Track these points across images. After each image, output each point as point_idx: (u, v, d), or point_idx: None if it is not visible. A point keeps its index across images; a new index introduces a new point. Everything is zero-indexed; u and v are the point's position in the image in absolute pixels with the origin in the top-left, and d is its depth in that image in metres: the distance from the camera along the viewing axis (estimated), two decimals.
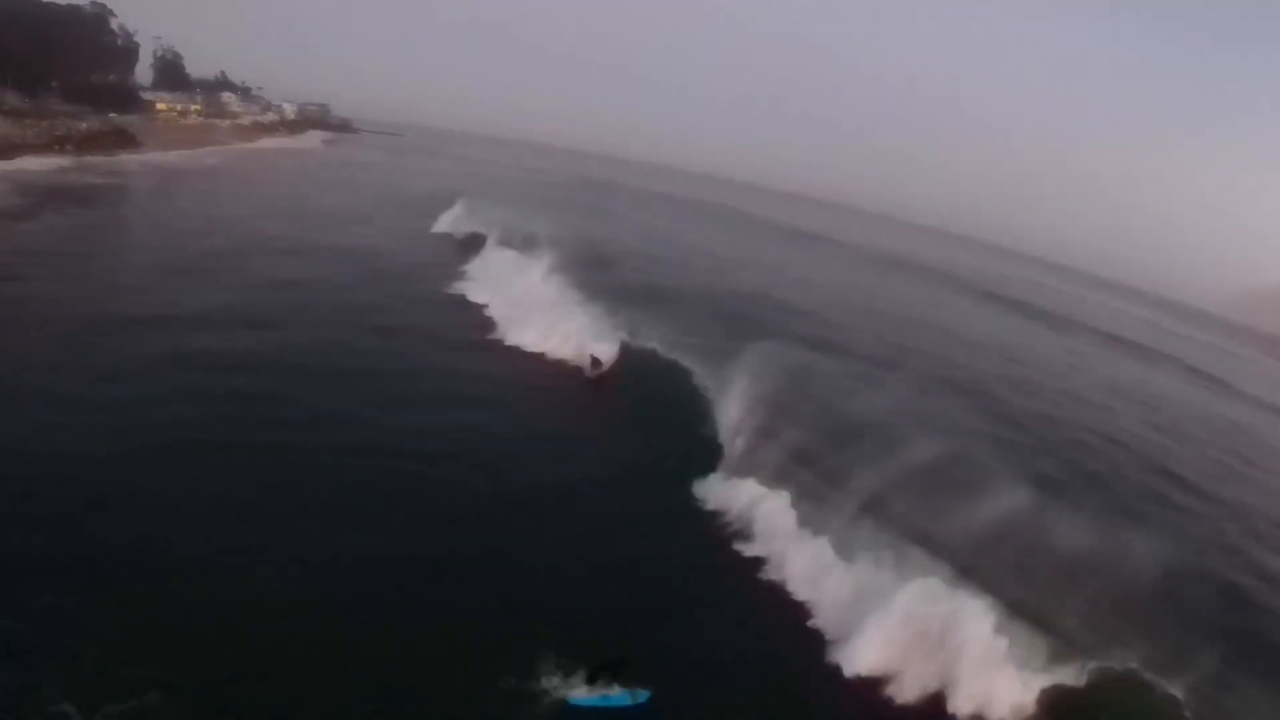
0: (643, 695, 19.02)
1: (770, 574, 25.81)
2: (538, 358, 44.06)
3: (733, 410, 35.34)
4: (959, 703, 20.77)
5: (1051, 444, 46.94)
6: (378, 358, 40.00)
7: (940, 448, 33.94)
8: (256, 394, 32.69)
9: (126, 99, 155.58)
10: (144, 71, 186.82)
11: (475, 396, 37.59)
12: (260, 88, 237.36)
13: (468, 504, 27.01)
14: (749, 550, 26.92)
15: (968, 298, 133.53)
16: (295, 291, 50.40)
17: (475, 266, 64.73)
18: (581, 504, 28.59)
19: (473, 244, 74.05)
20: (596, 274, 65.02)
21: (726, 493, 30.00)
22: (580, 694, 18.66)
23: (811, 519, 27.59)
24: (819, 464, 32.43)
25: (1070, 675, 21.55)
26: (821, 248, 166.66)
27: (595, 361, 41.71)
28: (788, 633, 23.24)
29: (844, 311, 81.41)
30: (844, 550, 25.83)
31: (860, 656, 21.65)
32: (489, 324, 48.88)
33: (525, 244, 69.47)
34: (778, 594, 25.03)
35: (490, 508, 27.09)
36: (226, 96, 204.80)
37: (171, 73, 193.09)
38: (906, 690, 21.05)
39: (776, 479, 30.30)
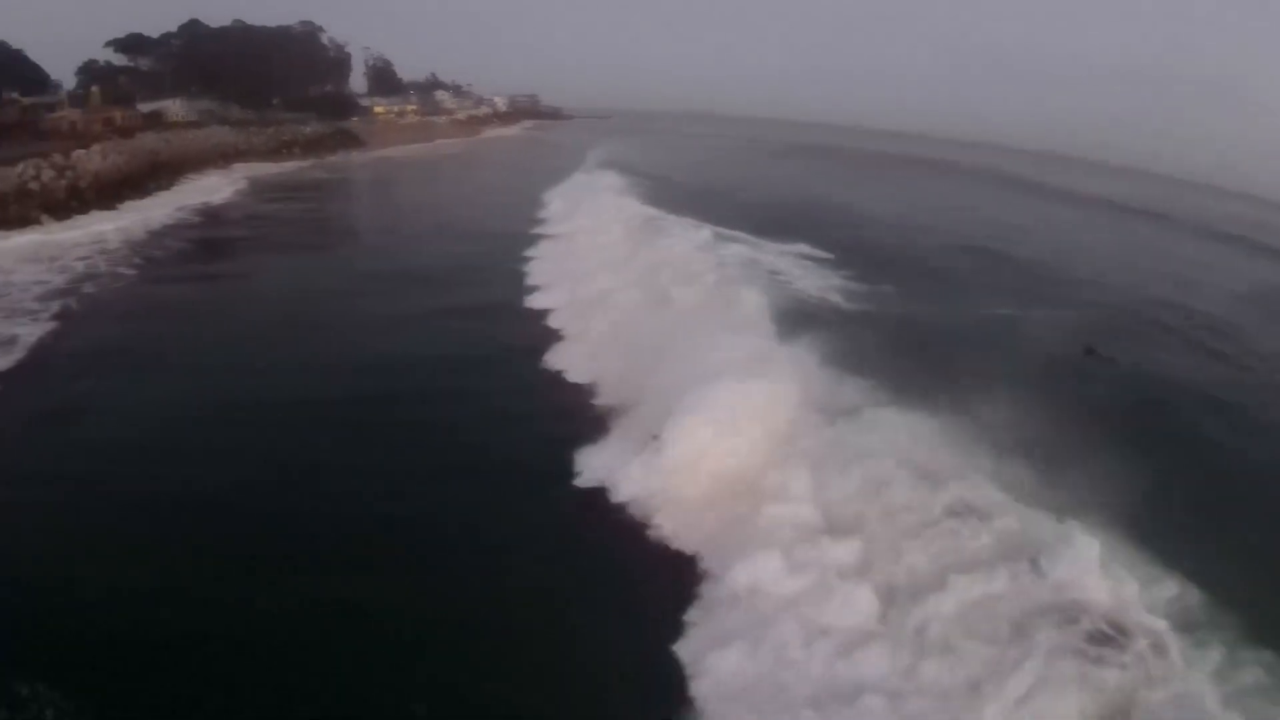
0: None
1: None
2: None
3: None
4: None
5: None
6: None
7: None
8: None
9: (345, 106, 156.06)
10: (358, 81, 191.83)
11: None
12: (470, 84, 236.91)
13: None
14: None
15: None
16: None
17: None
18: None
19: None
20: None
21: None
22: None
23: None
24: None
25: None
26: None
27: None
28: None
29: None
30: None
31: None
32: None
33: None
34: None
35: None
36: (440, 95, 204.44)
37: (384, 78, 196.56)
38: None
39: None
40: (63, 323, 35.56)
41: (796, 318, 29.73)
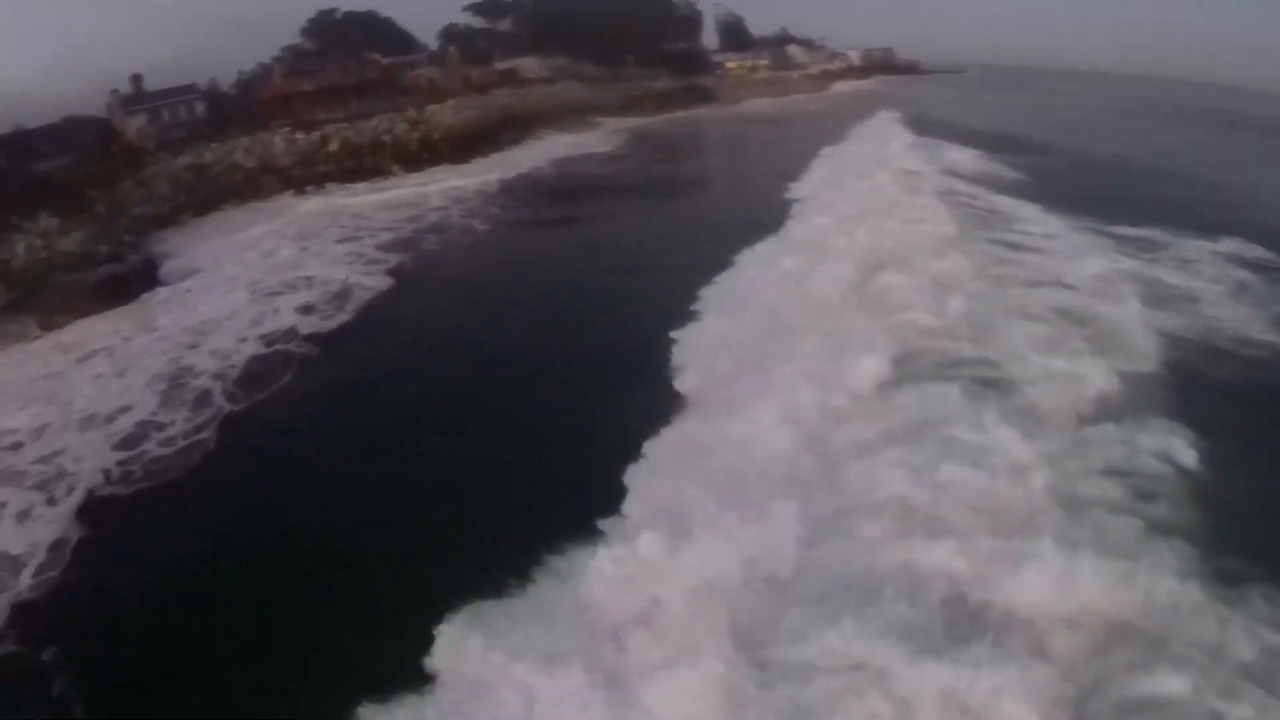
0: None
1: None
2: None
3: None
4: None
5: None
6: None
7: None
8: None
9: (696, 62, 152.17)
10: (709, 38, 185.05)
11: None
12: (823, 38, 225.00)
13: None
14: None
15: None
16: None
17: None
18: None
19: None
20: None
21: None
22: None
23: None
24: None
25: None
26: None
27: None
28: None
29: None
30: None
31: None
32: None
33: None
34: None
35: None
36: (792, 49, 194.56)
37: (735, 34, 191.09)
38: None
39: None
40: (397, 279, 35.28)
41: None
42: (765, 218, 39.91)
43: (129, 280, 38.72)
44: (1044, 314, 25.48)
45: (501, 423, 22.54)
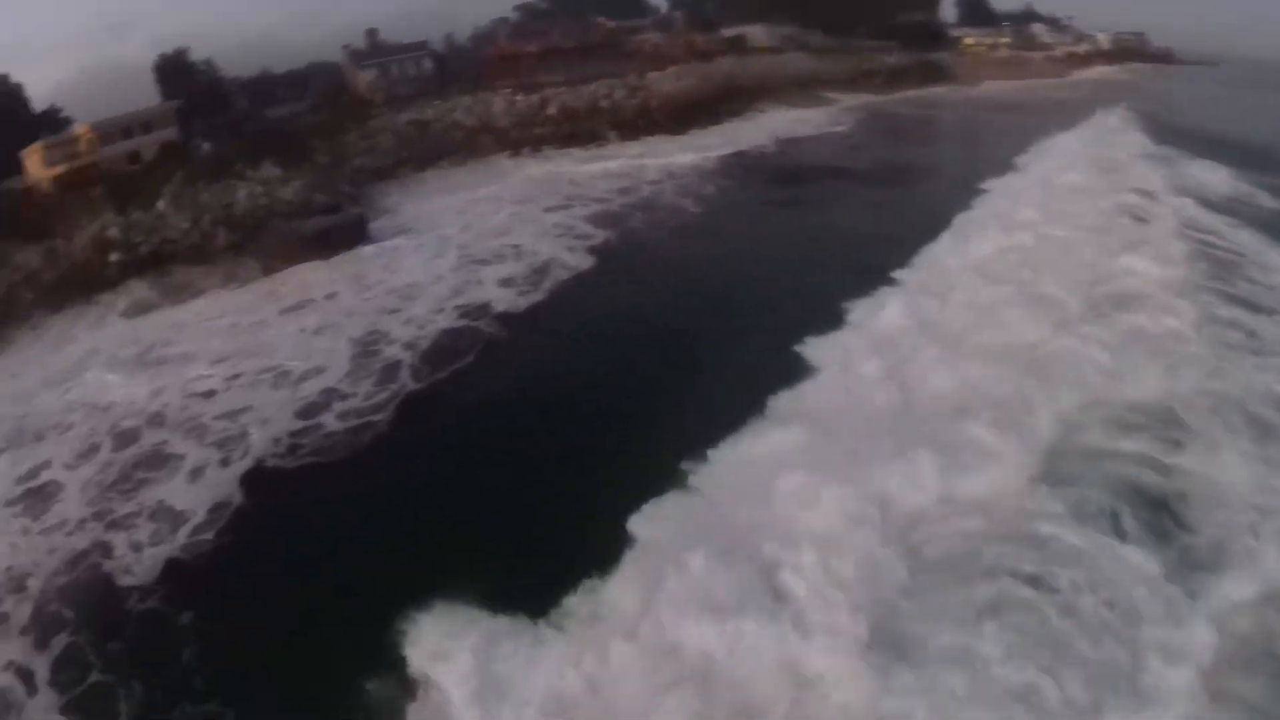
0: None
1: None
2: None
3: None
4: None
5: None
6: None
7: None
8: None
9: (932, 37, 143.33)
10: (948, 10, 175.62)
11: None
12: (1071, 17, 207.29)
13: None
14: None
15: None
16: None
17: None
18: None
19: None
20: None
21: None
22: None
23: None
24: None
25: None
26: None
27: None
28: None
29: None
30: None
31: None
32: None
33: None
34: None
35: None
36: (1036, 28, 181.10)
37: (975, 8, 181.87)
38: None
39: None
40: (599, 259, 33.74)
41: None
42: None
43: (341, 233, 39.22)
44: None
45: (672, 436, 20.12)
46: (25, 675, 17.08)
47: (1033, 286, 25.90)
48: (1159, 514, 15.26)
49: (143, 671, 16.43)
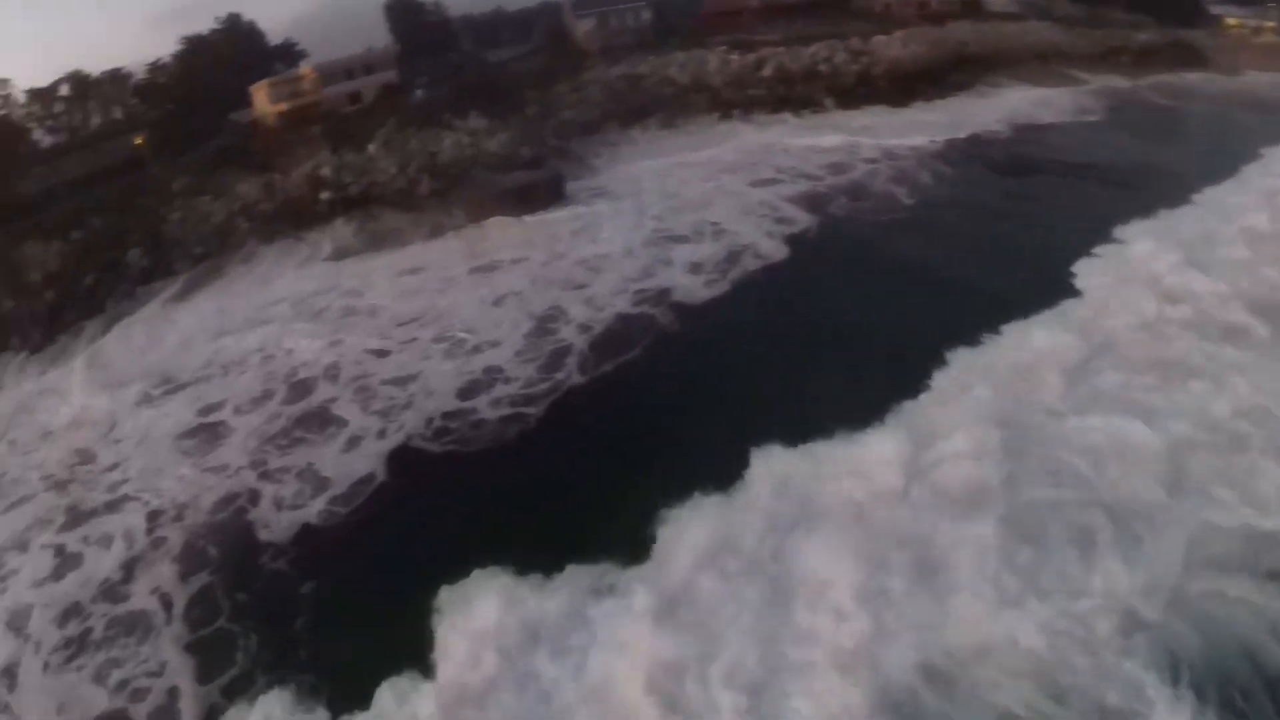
0: None
1: None
2: None
3: None
4: None
5: None
6: None
7: None
8: None
9: (1193, 13, 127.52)
10: None
11: None
12: None
13: None
14: None
15: None
16: None
17: None
18: None
19: None
20: None
21: None
22: None
23: None
24: None
25: None
26: None
27: None
28: None
29: None
30: None
31: None
32: None
33: None
34: None
35: None
36: None
37: None
38: None
39: None
40: (793, 250, 31.77)
41: None
42: None
43: (538, 190, 39.11)
44: None
45: None
46: (166, 604, 18.58)
47: None
48: None
49: (260, 630, 17.28)
